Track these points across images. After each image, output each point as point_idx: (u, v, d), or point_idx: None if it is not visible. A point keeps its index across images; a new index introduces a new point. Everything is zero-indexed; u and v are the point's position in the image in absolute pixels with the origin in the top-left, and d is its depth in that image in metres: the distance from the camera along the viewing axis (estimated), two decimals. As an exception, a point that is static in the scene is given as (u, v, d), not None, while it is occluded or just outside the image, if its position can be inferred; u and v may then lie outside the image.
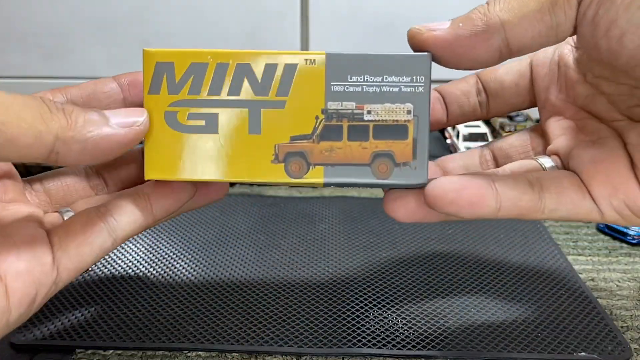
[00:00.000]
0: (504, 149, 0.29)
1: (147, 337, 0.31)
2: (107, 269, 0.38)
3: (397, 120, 0.23)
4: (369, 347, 0.30)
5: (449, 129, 0.59)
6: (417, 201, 0.24)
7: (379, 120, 0.23)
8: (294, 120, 0.23)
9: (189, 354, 0.30)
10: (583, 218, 0.23)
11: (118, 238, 0.23)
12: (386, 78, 0.23)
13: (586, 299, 0.35)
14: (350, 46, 0.60)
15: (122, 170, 0.29)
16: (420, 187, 0.24)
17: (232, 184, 0.53)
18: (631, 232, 0.42)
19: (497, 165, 0.29)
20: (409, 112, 0.23)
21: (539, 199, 0.23)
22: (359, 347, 0.30)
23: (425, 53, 0.23)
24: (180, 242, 0.41)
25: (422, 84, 0.23)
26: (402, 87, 0.23)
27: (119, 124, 0.21)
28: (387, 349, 0.30)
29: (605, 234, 0.44)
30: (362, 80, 0.23)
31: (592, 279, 0.38)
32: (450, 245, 0.41)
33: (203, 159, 0.23)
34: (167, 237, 0.42)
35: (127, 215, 0.23)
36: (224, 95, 0.23)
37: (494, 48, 0.21)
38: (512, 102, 0.29)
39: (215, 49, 0.23)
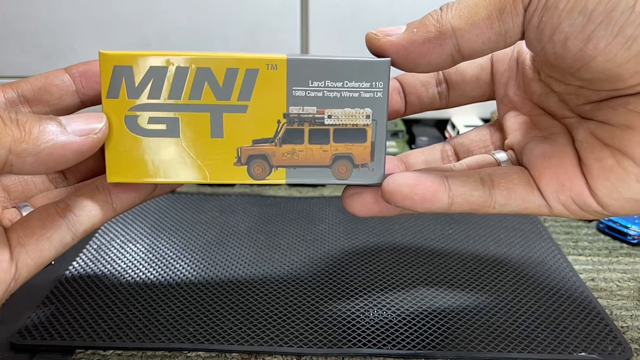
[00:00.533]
0: (464, 144, 0.30)
1: (147, 337, 0.31)
2: (107, 269, 0.38)
3: (356, 125, 0.24)
4: (369, 347, 0.30)
5: (449, 128, 0.59)
6: (374, 197, 0.25)
7: (339, 125, 0.24)
8: (256, 124, 0.24)
9: (189, 354, 0.30)
10: (532, 212, 0.24)
11: (78, 232, 0.23)
12: (346, 83, 0.23)
13: (586, 299, 0.35)
14: (350, 46, 0.60)
15: (80, 163, 0.28)
16: (377, 186, 0.25)
17: (232, 184, 0.53)
18: (631, 232, 0.42)
19: (458, 160, 0.29)
20: (367, 116, 0.24)
21: (490, 195, 0.24)
22: (359, 347, 0.30)
23: (385, 59, 0.23)
24: (180, 242, 0.41)
25: (381, 90, 0.24)
26: (361, 92, 0.24)
27: (75, 132, 0.21)
28: (387, 349, 0.30)
29: (606, 234, 0.44)
30: (323, 85, 0.23)
31: (592, 279, 0.38)
32: (450, 245, 0.41)
33: (165, 162, 0.24)
34: (167, 237, 0.42)
35: (87, 210, 0.24)
36: (185, 100, 0.23)
37: (446, 53, 0.22)
38: (472, 94, 0.29)
39: (177, 52, 0.23)
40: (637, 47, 0.18)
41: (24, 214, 0.25)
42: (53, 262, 0.29)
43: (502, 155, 0.27)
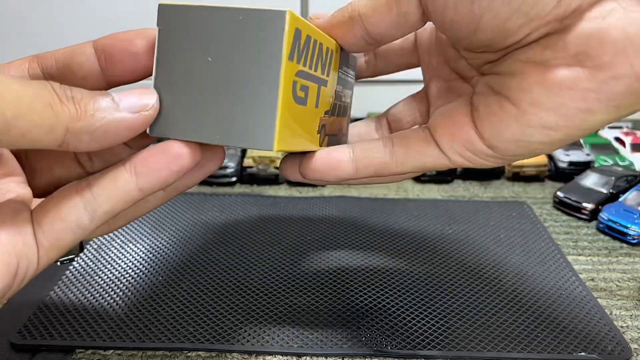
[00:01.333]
0: (395, 114, 0.32)
1: (147, 337, 0.31)
2: (107, 269, 0.38)
3: (347, 104, 0.30)
4: (369, 347, 0.30)
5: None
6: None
7: (344, 102, 0.29)
8: (327, 98, 0.26)
9: (189, 354, 0.30)
10: (432, 166, 0.26)
11: (96, 214, 0.21)
12: (349, 69, 0.28)
13: (585, 298, 0.35)
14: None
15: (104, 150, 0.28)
16: None
17: (233, 184, 0.53)
18: (631, 232, 0.42)
19: (392, 131, 0.32)
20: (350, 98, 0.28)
21: (391, 154, 0.26)
22: (359, 347, 0.30)
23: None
24: (180, 242, 0.41)
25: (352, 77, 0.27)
26: (349, 78, 0.27)
27: (128, 108, 0.20)
28: (387, 349, 0.30)
29: (605, 234, 0.44)
30: (346, 69, 0.27)
31: (592, 279, 0.38)
32: (450, 245, 0.41)
33: (299, 130, 0.24)
34: (167, 237, 0.42)
35: (107, 190, 0.21)
36: (313, 70, 0.24)
37: (358, 37, 0.24)
38: (398, 62, 0.32)
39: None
40: (516, 1, 0.20)
41: None
42: (76, 256, 0.28)
43: (414, 127, 0.30)
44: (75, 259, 0.28)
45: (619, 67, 0.20)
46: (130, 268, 0.38)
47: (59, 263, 0.27)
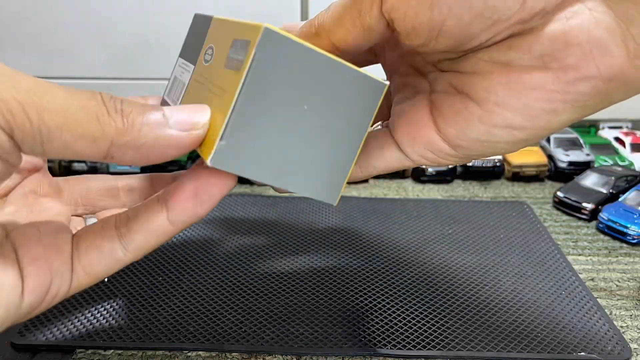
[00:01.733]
0: None
1: (147, 337, 0.31)
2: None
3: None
4: (369, 347, 0.30)
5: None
6: None
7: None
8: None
9: (189, 354, 0.30)
10: (397, 167, 0.26)
11: (129, 247, 0.21)
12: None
13: (585, 298, 0.35)
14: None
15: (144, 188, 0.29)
16: None
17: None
18: (631, 232, 0.42)
19: None
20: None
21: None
22: (359, 347, 0.30)
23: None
24: (180, 242, 0.41)
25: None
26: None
27: (178, 125, 0.19)
28: (387, 349, 0.30)
29: (605, 234, 0.44)
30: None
31: (592, 279, 0.38)
32: (450, 245, 0.41)
33: None
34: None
35: (139, 223, 0.21)
36: None
37: (327, 49, 0.23)
38: (357, 60, 0.31)
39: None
40: (478, 5, 0.20)
41: (87, 223, 0.25)
42: (106, 280, 0.28)
43: (376, 125, 0.29)
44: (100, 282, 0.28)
45: (584, 68, 0.20)
46: (130, 268, 0.38)
47: None
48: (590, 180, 0.49)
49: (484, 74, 0.23)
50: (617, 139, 0.60)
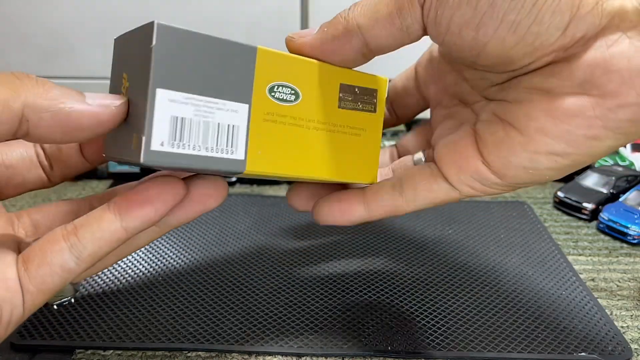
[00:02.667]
0: (404, 145, 0.32)
1: (147, 337, 0.31)
2: (107, 269, 0.38)
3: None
4: (369, 347, 0.30)
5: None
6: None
7: None
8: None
9: (189, 354, 0.30)
10: (443, 200, 0.26)
11: (82, 256, 0.21)
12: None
13: (586, 298, 0.35)
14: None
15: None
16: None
17: (233, 184, 0.53)
18: (631, 232, 0.42)
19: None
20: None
21: (400, 195, 0.26)
22: (359, 347, 0.30)
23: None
24: (180, 242, 0.41)
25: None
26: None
27: (94, 103, 0.20)
28: (388, 349, 0.30)
29: (606, 234, 0.44)
30: None
31: (592, 279, 0.38)
32: (450, 245, 0.41)
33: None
34: (167, 237, 0.42)
35: (91, 232, 0.21)
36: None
37: (356, 49, 0.23)
38: (408, 103, 0.32)
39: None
40: (521, 30, 0.20)
41: None
42: (72, 299, 0.28)
43: (418, 155, 0.29)
44: (71, 301, 0.27)
45: (624, 95, 0.21)
46: (130, 268, 0.38)
47: (55, 306, 0.27)
48: (590, 180, 0.49)
49: (525, 102, 0.23)
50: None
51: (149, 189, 0.22)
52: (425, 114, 0.32)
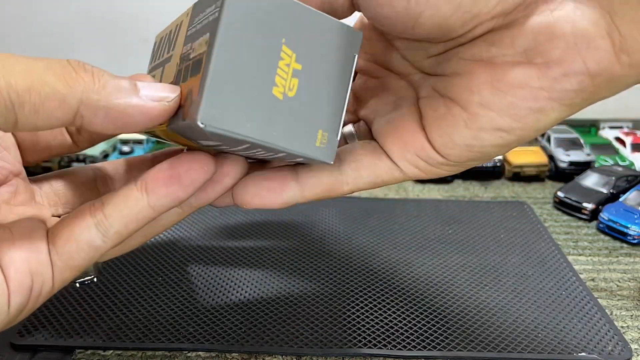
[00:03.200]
0: None
1: (147, 337, 0.31)
2: (107, 269, 0.37)
3: (200, 54, 0.20)
4: (369, 347, 0.30)
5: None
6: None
7: (194, 57, 0.21)
8: (170, 72, 0.23)
9: (189, 354, 0.30)
10: (386, 180, 0.24)
11: (109, 234, 0.21)
12: (206, 10, 0.20)
13: (586, 298, 0.35)
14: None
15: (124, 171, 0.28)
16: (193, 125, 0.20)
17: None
18: (631, 232, 0.42)
19: None
20: (206, 42, 0.20)
21: (340, 173, 0.24)
22: (359, 347, 0.30)
23: None
24: (180, 242, 0.41)
25: (218, 9, 0.19)
26: (209, 16, 0.20)
27: (148, 97, 0.19)
28: (387, 349, 0.30)
29: (606, 234, 0.44)
30: (199, 19, 0.21)
31: (593, 279, 0.38)
32: (450, 245, 0.41)
33: None
34: (167, 237, 0.42)
35: (118, 209, 0.21)
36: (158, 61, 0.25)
37: None
38: None
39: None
40: None
41: None
42: (95, 278, 0.27)
43: (348, 129, 0.28)
44: (94, 280, 0.27)
45: (570, 63, 0.19)
46: (130, 268, 0.38)
47: (77, 284, 0.27)
48: (590, 180, 0.49)
49: (466, 74, 0.21)
50: (618, 139, 0.60)
51: (177, 167, 0.21)
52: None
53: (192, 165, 0.21)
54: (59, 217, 0.26)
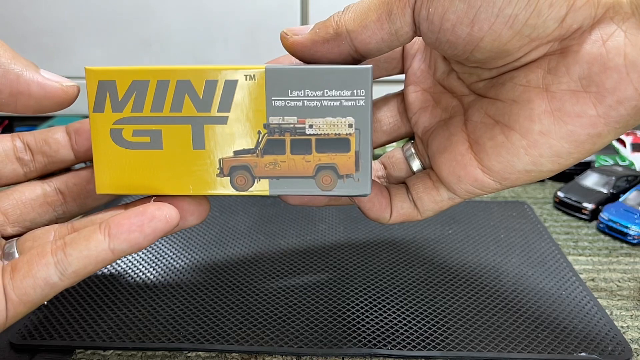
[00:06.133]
0: (377, 117, 0.31)
1: (147, 337, 0.31)
2: (107, 269, 0.38)
3: (339, 134, 0.23)
4: (369, 347, 0.30)
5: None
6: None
7: (321, 134, 0.24)
8: (237, 135, 0.24)
9: (189, 354, 0.30)
10: (448, 206, 0.27)
11: (66, 273, 0.21)
12: (327, 92, 0.23)
13: (586, 298, 0.35)
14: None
15: (75, 185, 0.27)
16: (364, 196, 0.25)
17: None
18: (631, 232, 0.42)
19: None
20: (350, 125, 0.23)
21: (414, 207, 0.28)
22: (359, 347, 0.30)
23: (367, 66, 0.23)
24: (180, 242, 0.41)
25: (363, 97, 0.23)
26: (342, 101, 0.23)
27: (47, 77, 0.22)
28: (387, 349, 0.30)
29: (606, 234, 0.44)
30: (302, 94, 0.23)
31: (593, 279, 0.38)
32: (450, 245, 0.41)
33: (151, 174, 0.24)
34: (167, 237, 0.42)
35: (79, 250, 0.21)
36: (166, 112, 0.23)
37: (345, 53, 0.23)
38: (385, 66, 0.30)
39: (158, 66, 0.23)
40: (518, 24, 0.20)
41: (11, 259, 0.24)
42: (46, 303, 0.28)
43: (409, 151, 0.30)
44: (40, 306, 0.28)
45: (623, 91, 0.21)
46: (130, 268, 0.38)
47: None
48: (590, 180, 0.49)
49: (524, 102, 0.22)
50: (618, 139, 0.60)
51: (142, 215, 0.22)
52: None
53: (156, 215, 0.22)
54: (10, 237, 0.25)
